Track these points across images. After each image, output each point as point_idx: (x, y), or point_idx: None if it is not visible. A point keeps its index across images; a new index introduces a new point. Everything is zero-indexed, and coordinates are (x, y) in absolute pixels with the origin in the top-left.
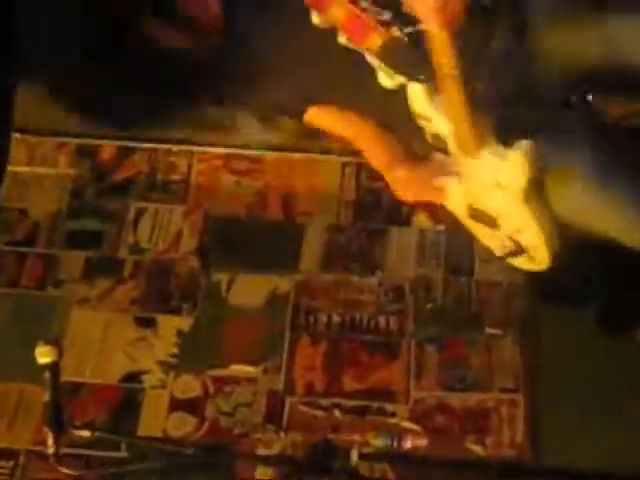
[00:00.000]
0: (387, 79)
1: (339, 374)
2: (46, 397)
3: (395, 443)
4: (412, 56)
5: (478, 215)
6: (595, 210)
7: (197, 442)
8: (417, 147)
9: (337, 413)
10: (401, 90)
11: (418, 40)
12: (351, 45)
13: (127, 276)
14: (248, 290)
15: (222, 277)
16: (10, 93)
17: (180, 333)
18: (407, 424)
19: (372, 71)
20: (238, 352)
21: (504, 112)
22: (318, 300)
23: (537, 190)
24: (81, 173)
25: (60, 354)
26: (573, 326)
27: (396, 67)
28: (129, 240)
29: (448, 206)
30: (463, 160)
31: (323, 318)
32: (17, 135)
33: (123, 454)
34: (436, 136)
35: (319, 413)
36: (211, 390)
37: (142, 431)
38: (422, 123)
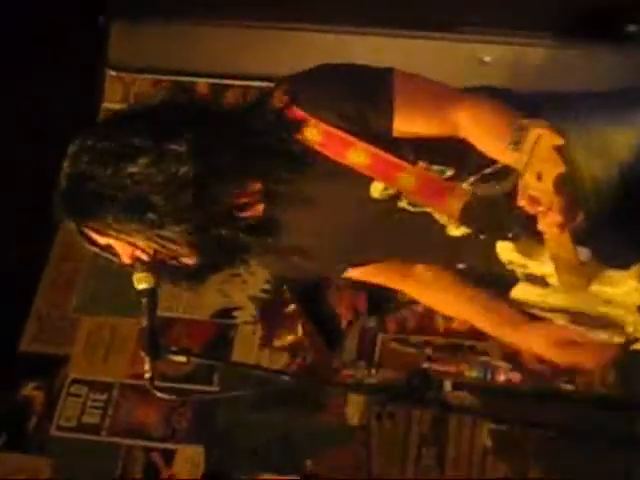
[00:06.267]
0: (455, 230)
1: (431, 312)
2: (143, 323)
3: (489, 375)
4: (493, 215)
5: None
6: None
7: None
8: None
9: (428, 350)
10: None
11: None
12: (419, 208)
13: None
14: None
15: None
16: (104, 32)
17: None
18: (499, 362)
19: None
20: None
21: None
22: None
23: None
24: None
25: (158, 280)
26: None
27: (477, 226)
28: None
29: None
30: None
31: None
32: (112, 72)
33: (215, 388)
34: (531, 276)
35: (410, 350)
36: None
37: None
38: (511, 267)
